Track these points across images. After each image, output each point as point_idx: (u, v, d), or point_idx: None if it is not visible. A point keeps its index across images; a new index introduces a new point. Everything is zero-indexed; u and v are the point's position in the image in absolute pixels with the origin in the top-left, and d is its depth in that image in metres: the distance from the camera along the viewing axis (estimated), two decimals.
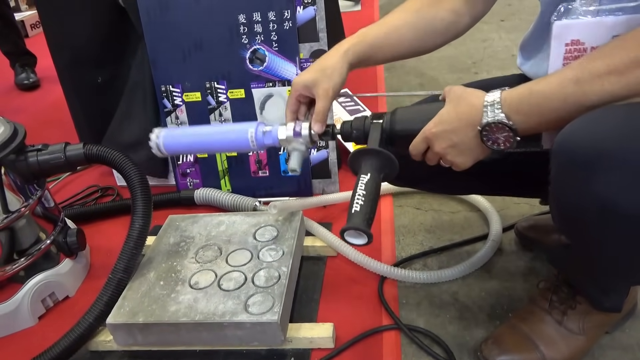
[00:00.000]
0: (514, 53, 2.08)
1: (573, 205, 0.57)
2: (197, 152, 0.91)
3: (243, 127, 0.81)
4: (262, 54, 1.18)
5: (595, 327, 0.79)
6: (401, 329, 0.88)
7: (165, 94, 1.25)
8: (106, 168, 1.47)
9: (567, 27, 0.63)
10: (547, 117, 0.58)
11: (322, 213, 1.20)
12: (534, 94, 0.58)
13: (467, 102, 0.63)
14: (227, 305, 0.85)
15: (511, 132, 0.60)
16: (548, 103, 0.57)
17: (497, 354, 0.79)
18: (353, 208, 0.66)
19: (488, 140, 0.61)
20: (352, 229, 0.65)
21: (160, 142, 0.84)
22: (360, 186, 0.67)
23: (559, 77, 0.57)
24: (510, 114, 0.59)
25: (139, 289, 0.91)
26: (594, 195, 0.53)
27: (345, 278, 1.01)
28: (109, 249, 1.16)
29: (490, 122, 0.60)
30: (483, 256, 1.00)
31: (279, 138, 0.79)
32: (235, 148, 0.86)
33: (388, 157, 0.69)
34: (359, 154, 0.70)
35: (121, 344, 0.88)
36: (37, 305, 0.99)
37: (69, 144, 0.98)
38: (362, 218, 0.65)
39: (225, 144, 0.84)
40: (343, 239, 0.67)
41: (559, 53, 0.64)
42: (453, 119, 0.64)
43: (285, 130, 0.78)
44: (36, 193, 0.99)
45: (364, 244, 0.67)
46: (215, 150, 0.88)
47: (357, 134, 0.75)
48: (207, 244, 1.01)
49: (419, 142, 0.68)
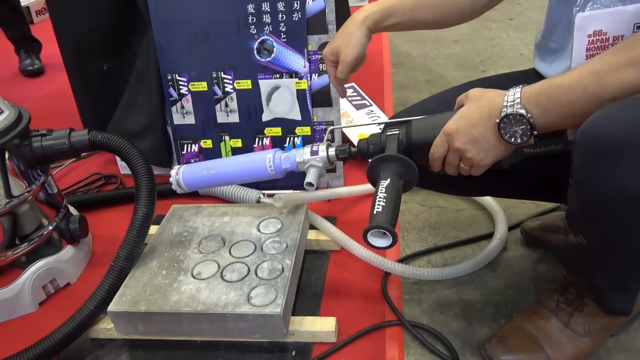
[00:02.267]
0: (522, 52, 2.07)
1: (596, 195, 0.56)
2: (217, 185, 0.95)
3: (261, 155, 0.84)
4: (270, 45, 1.17)
5: (602, 329, 0.79)
6: (404, 325, 0.87)
7: (171, 83, 1.24)
8: (110, 156, 1.46)
9: (589, 18, 0.63)
10: (565, 110, 0.57)
11: (326, 207, 1.19)
12: (552, 86, 0.58)
13: (487, 98, 0.63)
14: (229, 296, 0.84)
15: (529, 125, 0.59)
16: (566, 95, 0.57)
17: (501, 353, 0.78)
18: (375, 209, 0.63)
19: (506, 133, 0.61)
20: (375, 227, 0.62)
21: (180, 178, 0.87)
22: (380, 190, 0.65)
23: (578, 70, 0.57)
24: (529, 107, 0.59)
25: (141, 277, 0.90)
26: (618, 184, 0.53)
27: (348, 273, 1.00)
28: (112, 237, 1.15)
29: (509, 114, 0.60)
30: (488, 254, 0.99)
31: (297, 161, 0.82)
32: (254, 177, 0.88)
33: (407, 162, 0.68)
34: (378, 162, 0.70)
35: (122, 332, 0.88)
36: (38, 291, 0.98)
37: (74, 130, 0.97)
38: (386, 218, 0.62)
39: (244, 174, 0.87)
40: (366, 241, 0.64)
41: (581, 45, 0.64)
42: (473, 114, 0.64)
43: (303, 153, 0.82)
44: (39, 179, 0.98)
45: (388, 245, 0.64)
46: (235, 181, 0.91)
47: (374, 148, 0.75)
48: (211, 235, 1.00)
49: (440, 142, 0.67)
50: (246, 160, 0.87)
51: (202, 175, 0.88)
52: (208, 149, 1.28)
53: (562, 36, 0.73)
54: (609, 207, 0.56)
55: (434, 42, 2.23)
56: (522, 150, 0.66)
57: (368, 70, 1.93)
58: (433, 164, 0.70)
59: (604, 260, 0.69)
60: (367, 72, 1.91)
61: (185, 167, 0.88)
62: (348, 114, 1.47)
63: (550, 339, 0.77)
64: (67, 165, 1.46)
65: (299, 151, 0.82)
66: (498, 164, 0.67)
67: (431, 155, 0.69)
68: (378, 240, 0.64)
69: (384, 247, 0.64)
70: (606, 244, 0.64)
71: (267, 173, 0.84)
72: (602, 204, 0.56)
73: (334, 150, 0.81)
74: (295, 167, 0.83)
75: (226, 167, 0.88)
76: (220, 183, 0.90)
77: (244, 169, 0.86)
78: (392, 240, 0.63)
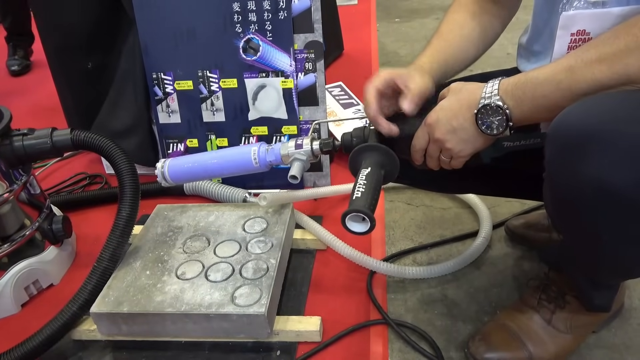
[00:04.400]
0: (509, 51, 2.08)
1: (568, 188, 0.57)
2: (202, 178, 0.93)
3: (246, 148, 0.84)
4: (256, 44, 1.16)
5: (583, 326, 0.80)
6: (389, 324, 0.87)
7: (156, 82, 1.23)
8: (95, 155, 1.45)
9: (573, 17, 0.63)
10: (539, 103, 0.58)
11: (312, 206, 1.19)
12: (528, 79, 0.59)
13: (467, 90, 0.65)
14: (213, 296, 0.84)
15: (505, 116, 0.60)
16: (540, 88, 0.58)
17: (484, 350, 0.78)
18: (354, 195, 0.63)
19: (483, 124, 0.62)
20: (354, 212, 0.62)
21: (165, 170, 0.87)
22: (361, 177, 0.66)
23: (553, 65, 0.58)
24: (505, 98, 0.60)
25: (124, 278, 0.89)
26: (589, 176, 0.53)
27: (334, 272, 1.00)
28: (96, 237, 1.14)
29: (486, 105, 0.61)
30: (473, 253, 1.00)
31: (282, 154, 0.82)
32: (240, 170, 0.88)
33: (388, 152, 0.69)
34: (359, 151, 0.70)
35: (105, 333, 0.87)
36: (20, 293, 0.97)
37: (56, 129, 0.96)
38: (365, 202, 0.62)
39: (230, 167, 0.87)
40: (344, 226, 0.64)
41: (563, 43, 0.65)
42: (454, 105, 0.65)
43: (288, 146, 0.82)
44: (21, 178, 0.97)
45: (366, 230, 0.63)
46: (220, 174, 0.92)
47: (357, 141, 0.75)
48: (195, 235, 0.99)
49: (421, 133, 0.68)
50: (231, 154, 0.88)
51: (188, 168, 0.88)
52: (194, 148, 1.27)
53: (547, 40, 0.74)
54: (580, 201, 0.56)
55: (422, 41, 2.23)
56: (502, 144, 0.66)
57: (356, 69, 1.93)
58: (415, 155, 0.70)
59: (580, 257, 0.70)
60: (355, 71, 1.91)
61: (170, 160, 0.88)
62: (335, 113, 1.47)
63: (532, 336, 0.78)
64: (51, 164, 1.45)
65: (283, 145, 0.83)
66: (479, 159, 0.68)
67: (413, 146, 0.70)
68: (356, 225, 0.64)
69: (362, 232, 0.64)
70: (581, 239, 0.64)
71: (252, 166, 0.84)
72: (574, 198, 0.57)
73: (318, 144, 0.81)
74: (280, 161, 0.83)
75: (212, 160, 0.88)
76: (205, 176, 0.90)
77: (229, 162, 0.86)
78: (370, 226, 0.63)
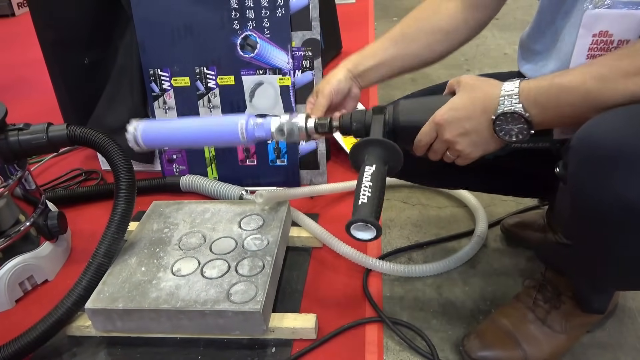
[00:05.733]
0: (506, 51, 2.09)
1: (591, 202, 0.54)
2: (179, 146, 0.85)
3: (232, 119, 0.77)
4: (254, 41, 1.16)
5: (578, 326, 0.80)
6: (384, 321, 0.87)
7: (153, 78, 1.22)
8: (91, 151, 1.44)
9: (597, 16, 0.60)
10: (563, 111, 0.56)
11: (309, 204, 1.19)
12: (554, 86, 0.56)
13: (482, 90, 0.61)
14: (209, 293, 0.84)
15: (526, 124, 0.57)
16: (567, 97, 0.55)
17: (479, 349, 0.79)
18: (360, 200, 0.61)
19: (501, 130, 0.59)
20: (359, 221, 0.60)
21: (138, 134, 0.79)
22: (366, 177, 0.63)
23: (582, 72, 0.55)
24: (527, 105, 0.57)
25: (119, 274, 0.89)
26: (615, 192, 0.51)
27: (330, 270, 1.00)
28: (91, 233, 1.14)
29: (506, 112, 0.57)
30: (468, 252, 1.00)
31: (272, 130, 0.76)
32: (222, 142, 0.81)
33: (393, 147, 0.66)
34: (363, 145, 0.67)
35: (100, 329, 0.87)
36: (14, 288, 0.97)
37: (52, 124, 0.95)
38: (370, 210, 0.60)
39: (212, 137, 0.79)
40: (349, 233, 0.62)
41: (584, 44, 0.62)
42: (467, 106, 0.61)
43: (279, 120, 0.75)
44: (16, 174, 0.96)
45: (371, 238, 0.62)
46: (200, 144, 0.83)
47: (357, 126, 0.71)
48: (191, 231, 0.99)
49: (428, 130, 0.65)
50: (215, 123, 0.81)
51: (165, 132, 0.80)
52: None
53: (550, 40, 0.72)
54: (604, 215, 0.54)
55: None
56: (509, 145, 0.64)
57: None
58: (417, 150, 0.68)
59: (590, 264, 0.67)
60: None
61: (145, 121, 0.80)
62: None
63: (527, 335, 0.78)
64: (47, 160, 1.44)
65: (274, 119, 0.76)
66: (482, 156, 0.65)
67: (417, 141, 0.67)
68: (361, 233, 0.62)
69: (367, 239, 0.62)
70: (597, 249, 0.61)
71: (237, 139, 0.77)
72: (597, 211, 0.54)
73: (313, 122, 0.75)
74: (270, 137, 0.76)
75: (192, 128, 0.80)
76: (183, 144, 0.83)
77: (212, 133, 0.79)
78: (376, 234, 0.61)
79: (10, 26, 3.01)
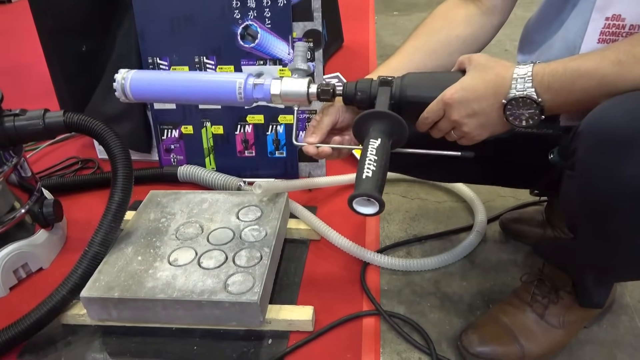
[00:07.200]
0: (507, 48, 2.08)
1: (602, 189, 0.54)
2: (171, 100, 0.79)
3: (230, 76, 0.74)
4: (254, 31, 1.15)
5: (575, 321, 0.80)
6: (381, 315, 0.87)
7: (152, 67, 1.21)
8: (88, 140, 1.43)
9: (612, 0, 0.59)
10: (576, 96, 0.55)
11: (307, 197, 1.18)
12: (568, 70, 0.55)
13: (494, 71, 0.59)
14: (206, 283, 0.83)
15: (538, 109, 0.56)
16: (580, 81, 0.54)
17: (476, 344, 0.79)
18: (364, 173, 0.59)
19: (511, 115, 0.58)
20: (363, 195, 0.58)
21: (127, 83, 0.74)
22: (370, 151, 0.61)
23: (598, 56, 0.54)
24: (540, 90, 0.56)
25: (115, 263, 0.88)
26: (626, 178, 0.50)
27: (327, 262, 1.00)
28: (87, 222, 1.12)
29: (518, 97, 0.56)
30: (467, 246, 1.00)
31: (272, 93, 0.72)
32: (218, 100, 0.76)
33: (399, 121, 0.63)
34: (367, 117, 0.65)
35: (95, 318, 0.86)
36: (8, 276, 0.96)
37: (49, 110, 0.94)
38: (375, 184, 0.59)
39: (207, 93, 0.75)
40: (351, 207, 0.60)
41: (596, 27, 0.61)
42: (478, 87, 0.60)
43: (280, 84, 0.72)
44: (11, 160, 0.95)
45: (374, 212, 0.60)
46: (194, 100, 0.78)
47: (361, 96, 0.68)
48: (189, 221, 0.98)
49: (436, 109, 0.63)
50: (212, 80, 0.76)
51: (156, 85, 0.76)
52: (189, 135, 1.25)
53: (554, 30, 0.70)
54: (616, 202, 0.53)
55: None
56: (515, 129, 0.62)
57: (353, 62, 1.92)
58: (421, 126, 0.66)
59: (596, 255, 0.66)
60: (353, 63, 1.90)
61: (135, 71, 0.75)
62: None
63: (524, 330, 0.78)
64: (42, 148, 1.43)
65: (275, 82, 0.72)
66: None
67: (423, 118, 0.65)
68: (364, 208, 0.60)
69: (370, 214, 0.61)
70: (606, 240, 0.60)
71: (234, 99, 0.73)
72: (607, 198, 0.54)
73: (315, 88, 0.71)
74: (269, 99, 0.73)
75: (187, 83, 0.76)
76: (175, 98, 0.79)
77: (207, 90, 0.75)
78: (379, 209, 0.60)
79: (7, 13, 2.98)
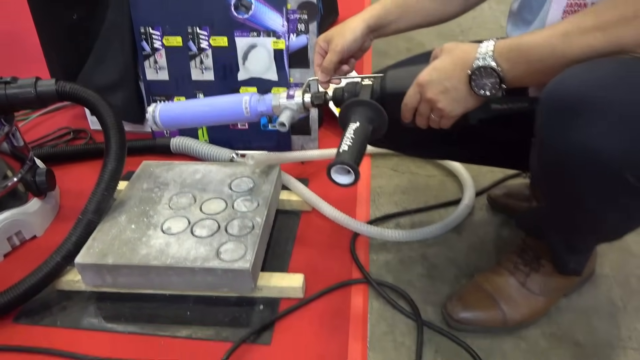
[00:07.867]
0: (503, 24, 2.07)
1: (557, 152, 0.58)
2: (193, 125, 0.98)
3: (237, 98, 0.87)
4: (248, 2, 1.14)
5: (555, 289, 0.83)
6: (369, 282, 0.90)
7: (144, 36, 1.20)
8: (79, 110, 1.42)
9: None
10: (533, 66, 0.59)
11: (299, 169, 1.19)
12: (523, 42, 0.60)
13: (462, 49, 0.64)
14: (199, 251, 0.85)
15: (498, 78, 0.61)
16: (535, 52, 0.58)
17: (460, 310, 0.81)
18: (341, 148, 0.66)
19: (476, 85, 0.62)
20: (340, 164, 0.65)
21: (157, 115, 0.89)
22: (349, 131, 0.68)
23: (549, 30, 0.59)
24: (499, 61, 0.60)
25: (109, 231, 0.90)
26: (578, 142, 0.55)
27: (318, 233, 1.02)
28: (80, 191, 1.13)
29: (480, 66, 0.61)
30: (455, 219, 1.02)
31: (273, 104, 0.85)
32: (230, 119, 0.91)
33: (377, 107, 0.71)
34: (349, 106, 0.72)
35: (89, 284, 0.88)
36: (2, 243, 0.97)
37: (40, 79, 0.94)
38: (351, 156, 0.65)
39: (220, 115, 0.89)
40: (330, 177, 0.66)
41: (559, 7, 0.66)
42: (447, 65, 0.65)
43: (279, 97, 0.84)
44: (3, 128, 0.95)
45: (350, 182, 0.66)
46: (211, 122, 0.94)
47: (348, 96, 0.77)
48: (182, 192, 1.00)
49: (412, 93, 0.68)
50: (223, 102, 0.89)
51: (179, 113, 0.90)
52: None
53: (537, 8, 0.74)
54: (568, 166, 0.58)
55: None
56: (489, 106, 0.67)
57: None
58: (405, 114, 0.71)
59: (561, 220, 0.72)
60: None
61: (162, 105, 0.91)
62: None
63: (506, 296, 0.81)
64: (33, 118, 1.42)
65: (275, 95, 0.85)
66: (467, 120, 0.68)
67: (404, 105, 0.70)
68: (341, 177, 0.66)
69: (346, 184, 0.66)
70: (564, 203, 0.66)
71: (242, 116, 0.87)
72: (562, 163, 0.58)
73: (309, 97, 0.83)
74: (271, 111, 0.86)
75: (203, 108, 0.90)
76: (196, 122, 0.94)
77: (220, 110, 0.89)
78: (355, 178, 0.66)
79: None
